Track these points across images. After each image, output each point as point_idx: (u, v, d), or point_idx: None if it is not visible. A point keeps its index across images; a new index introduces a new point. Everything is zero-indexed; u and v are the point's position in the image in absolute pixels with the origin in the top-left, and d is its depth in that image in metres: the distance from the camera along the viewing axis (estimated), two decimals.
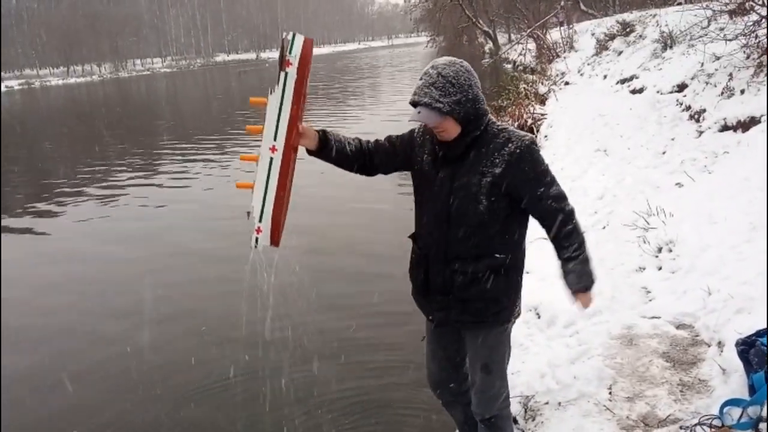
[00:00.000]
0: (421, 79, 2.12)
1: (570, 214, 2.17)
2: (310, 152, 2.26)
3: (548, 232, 2.20)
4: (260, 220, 2.09)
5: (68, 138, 21.77)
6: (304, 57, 2.05)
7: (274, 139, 2.07)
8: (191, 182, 11.56)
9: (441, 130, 2.14)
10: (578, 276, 2.18)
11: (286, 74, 2.05)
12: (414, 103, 2.13)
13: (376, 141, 2.38)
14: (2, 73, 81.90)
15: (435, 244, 2.24)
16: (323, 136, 2.24)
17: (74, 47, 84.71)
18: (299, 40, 2.05)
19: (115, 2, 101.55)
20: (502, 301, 2.25)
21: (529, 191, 2.15)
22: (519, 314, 2.37)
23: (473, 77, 2.14)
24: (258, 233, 2.10)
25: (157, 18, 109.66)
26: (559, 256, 2.21)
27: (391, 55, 74.09)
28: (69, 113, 32.30)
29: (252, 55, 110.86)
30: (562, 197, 2.17)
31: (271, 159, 2.07)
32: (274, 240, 2.13)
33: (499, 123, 2.23)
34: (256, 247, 2.12)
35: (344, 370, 4.19)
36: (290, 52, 2.04)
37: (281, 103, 2.06)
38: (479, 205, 2.14)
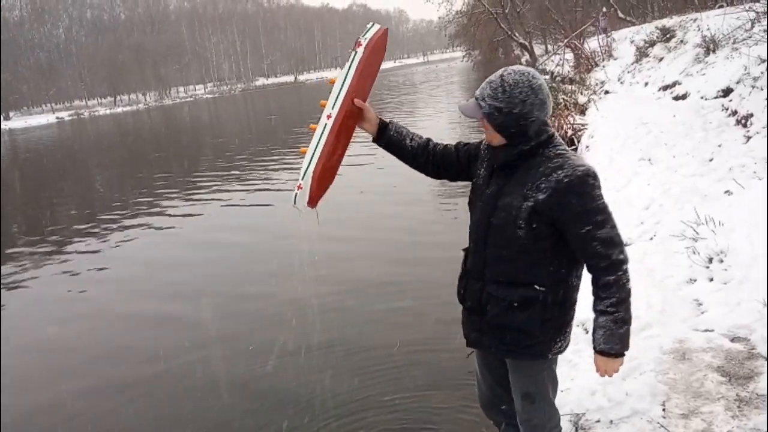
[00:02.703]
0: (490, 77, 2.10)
1: (616, 265, 1.98)
2: (373, 140, 2.35)
3: (592, 276, 2.05)
4: (302, 178, 2.18)
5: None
6: (374, 41, 2.22)
7: (332, 108, 2.21)
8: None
9: (485, 130, 2.11)
10: (606, 336, 2.01)
11: (355, 54, 2.21)
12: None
13: (445, 145, 2.37)
14: (54, 105, 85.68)
15: (474, 263, 2.20)
16: (383, 124, 2.33)
17: (120, 77, 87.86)
18: (375, 28, 2.25)
19: (158, 32, 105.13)
20: (535, 335, 2.10)
21: (574, 228, 1.99)
22: (562, 350, 2.20)
23: (534, 96, 2.00)
24: (298, 189, 2.18)
25: (199, 45, 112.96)
26: (594, 307, 2.06)
27: (427, 71, 74.34)
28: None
29: (290, 78, 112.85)
30: (612, 243, 1.98)
31: (325, 125, 2.19)
32: (312, 199, 2.19)
33: (560, 148, 2.07)
34: (295, 203, 2.19)
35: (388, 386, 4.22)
36: (363, 36, 2.23)
37: (344, 78, 2.21)
38: (518, 229, 2.03)
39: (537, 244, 2.04)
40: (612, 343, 2.01)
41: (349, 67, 2.21)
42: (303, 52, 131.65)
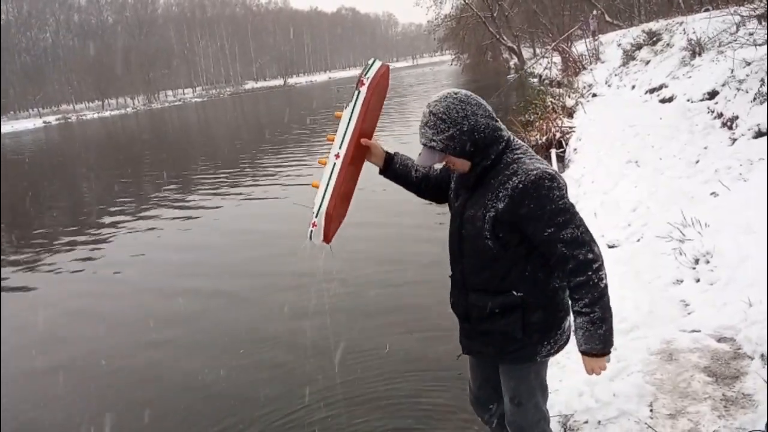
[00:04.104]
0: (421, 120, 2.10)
1: (584, 264, 1.95)
2: (379, 172, 2.40)
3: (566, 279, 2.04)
4: (316, 216, 2.25)
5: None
6: (377, 79, 2.26)
7: (339, 147, 2.27)
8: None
9: (451, 165, 2.12)
10: (586, 337, 2.00)
11: (359, 93, 2.25)
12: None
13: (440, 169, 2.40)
14: (41, 109, 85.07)
15: (455, 273, 2.25)
16: (389, 157, 2.37)
17: (108, 81, 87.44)
18: (376, 65, 2.28)
19: (146, 36, 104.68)
20: (519, 339, 2.12)
21: (536, 232, 1.97)
22: (552, 353, 2.19)
23: (469, 106, 2.00)
24: (313, 227, 2.25)
25: (187, 49, 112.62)
26: (571, 307, 2.05)
27: (415, 74, 74.44)
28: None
29: (280, 81, 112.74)
30: (577, 242, 1.94)
31: (334, 164, 2.26)
32: (326, 236, 2.27)
33: (518, 152, 2.05)
34: (310, 239, 2.26)
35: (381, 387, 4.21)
36: (366, 74, 2.26)
37: (350, 117, 2.26)
38: (486, 240, 2.05)
39: (508, 252, 2.05)
40: (593, 343, 1.99)
41: (354, 106, 2.26)
42: (292, 55, 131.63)
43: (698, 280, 4.06)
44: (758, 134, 6.28)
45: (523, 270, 2.07)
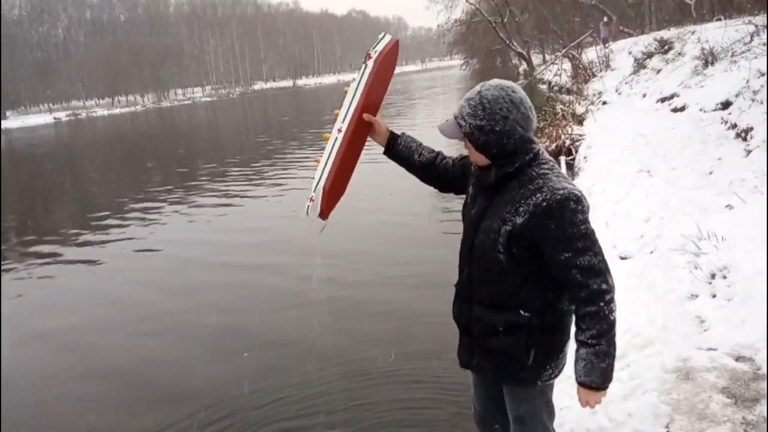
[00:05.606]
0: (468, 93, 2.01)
1: (597, 294, 1.87)
2: (383, 152, 2.34)
3: (574, 305, 1.96)
4: (314, 190, 2.22)
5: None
6: (384, 54, 2.22)
7: (342, 122, 2.23)
8: None
9: (468, 150, 2.04)
10: (587, 369, 1.91)
11: (365, 66, 2.22)
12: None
13: (451, 159, 2.32)
14: (51, 105, 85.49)
15: (461, 283, 2.15)
16: (393, 137, 2.31)
17: (119, 79, 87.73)
18: (385, 40, 2.25)
19: (157, 34, 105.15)
20: (522, 361, 2.02)
21: (553, 254, 1.89)
22: (553, 377, 2.11)
23: (515, 110, 1.90)
24: (310, 202, 2.22)
25: (198, 48, 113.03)
26: (576, 336, 1.96)
27: (425, 78, 74.39)
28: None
29: (289, 83, 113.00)
30: (593, 271, 1.87)
31: (336, 139, 2.23)
32: (323, 212, 2.23)
33: (544, 167, 1.95)
34: (307, 214, 2.23)
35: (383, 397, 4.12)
36: (374, 48, 2.23)
37: (355, 92, 2.22)
38: (498, 253, 1.95)
39: (519, 268, 1.96)
40: (593, 376, 1.91)
41: (360, 80, 2.22)
42: (301, 57, 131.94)
43: (714, 296, 3.94)
44: None
45: (533, 289, 1.98)
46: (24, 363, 5.39)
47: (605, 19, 26.98)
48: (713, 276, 4.10)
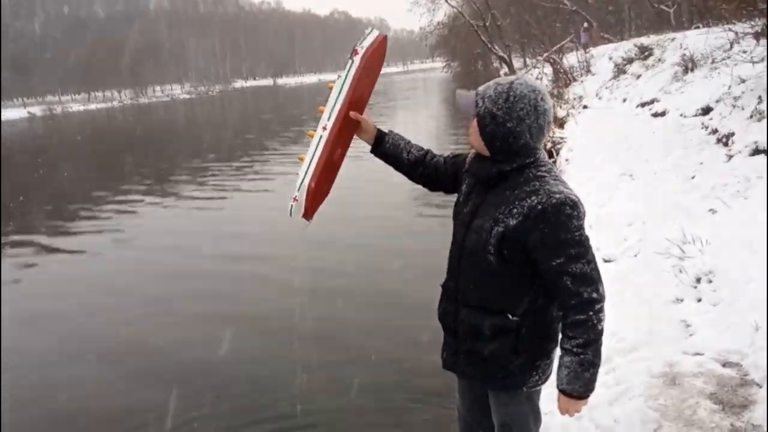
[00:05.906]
0: (500, 77, 1.93)
1: (587, 303, 1.82)
2: (370, 150, 2.27)
3: (562, 312, 1.91)
4: (298, 190, 2.13)
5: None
6: (371, 50, 2.14)
7: (328, 119, 2.14)
8: None
9: (470, 131, 1.96)
10: (570, 377, 1.87)
11: (351, 62, 2.14)
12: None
13: (441, 157, 2.25)
14: (25, 99, 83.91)
15: (449, 283, 2.08)
16: (380, 135, 2.22)
17: (95, 74, 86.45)
18: (372, 35, 2.18)
19: (136, 30, 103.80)
20: (508, 367, 1.98)
21: (544, 259, 1.83)
22: (540, 383, 2.07)
23: (534, 114, 1.83)
24: (294, 201, 2.13)
25: (177, 45, 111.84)
26: (561, 343, 1.91)
27: (407, 80, 74.44)
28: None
29: (269, 81, 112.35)
30: (585, 279, 1.82)
31: (321, 136, 2.14)
32: (307, 212, 2.14)
33: (542, 170, 1.89)
34: (291, 215, 2.14)
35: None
36: (360, 44, 2.15)
37: (341, 89, 2.14)
38: (488, 254, 1.89)
39: (509, 270, 1.91)
40: (575, 384, 1.87)
41: (346, 76, 2.13)
42: (283, 56, 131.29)
43: (700, 300, 3.89)
44: (755, 151, 6.18)
45: (524, 294, 1.92)
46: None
47: (585, 24, 27.19)
48: (698, 280, 4.06)
